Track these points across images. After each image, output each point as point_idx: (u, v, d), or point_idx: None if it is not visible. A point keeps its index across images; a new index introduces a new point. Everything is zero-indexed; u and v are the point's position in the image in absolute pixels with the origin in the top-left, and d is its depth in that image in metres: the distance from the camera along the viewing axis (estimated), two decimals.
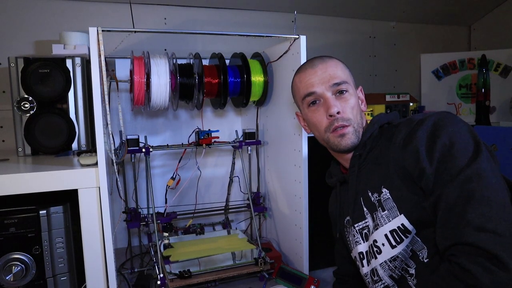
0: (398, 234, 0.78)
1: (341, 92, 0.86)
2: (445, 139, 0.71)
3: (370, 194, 0.83)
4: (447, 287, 0.66)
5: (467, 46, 2.26)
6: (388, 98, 1.63)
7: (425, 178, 0.72)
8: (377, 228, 0.82)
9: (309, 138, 1.11)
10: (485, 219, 0.64)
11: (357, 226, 0.88)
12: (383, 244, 0.80)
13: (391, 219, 0.79)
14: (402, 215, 0.77)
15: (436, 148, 0.71)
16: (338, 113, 0.84)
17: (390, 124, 0.86)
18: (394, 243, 0.78)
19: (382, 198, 0.81)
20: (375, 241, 0.82)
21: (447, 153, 0.70)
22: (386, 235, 0.80)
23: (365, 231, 0.86)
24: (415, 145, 0.74)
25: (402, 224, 0.76)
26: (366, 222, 0.85)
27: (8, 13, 1.38)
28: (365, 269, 0.87)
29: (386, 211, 0.80)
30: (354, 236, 0.89)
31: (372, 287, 0.86)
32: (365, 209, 0.85)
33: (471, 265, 0.62)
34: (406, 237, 0.76)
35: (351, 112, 0.86)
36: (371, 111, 1.56)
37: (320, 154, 1.03)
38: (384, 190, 0.81)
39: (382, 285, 0.83)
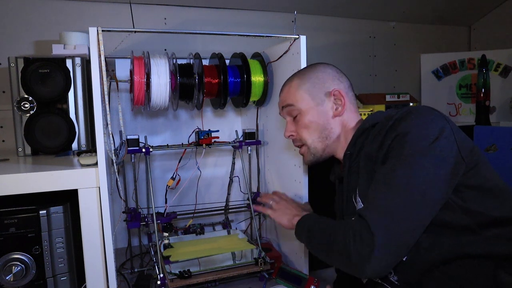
0: None
1: (291, 114, 0.95)
2: (401, 129, 0.74)
3: (357, 191, 0.86)
4: (334, 231, 0.77)
5: (467, 46, 2.26)
6: (388, 98, 1.63)
7: (377, 164, 0.78)
8: None
9: None
10: (387, 203, 0.70)
11: None
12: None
13: None
14: None
15: (391, 137, 0.75)
16: (291, 135, 0.94)
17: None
18: None
19: (356, 194, 0.85)
20: None
21: (397, 141, 0.74)
22: None
23: None
24: (380, 137, 0.78)
25: None
26: None
27: (8, 13, 1.38)
28: None
29: (356, 205, 0.85)
30: None
31: (364, 282, 0.91)
32: (355, 205, 0.87)
33: (353, 232, 0.72)
34: None
35: (306, 132, 0.92)
36: (371, 111, 1.56)
37: None
38: (357, 187, 0.85)
39: (365, 280, 0.89)
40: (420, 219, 0.70)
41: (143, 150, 1.19)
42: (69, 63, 1.13)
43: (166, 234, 1.26)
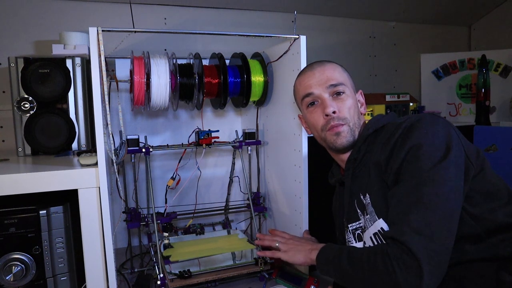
0: (380, 237, 0.79)
1: (338, 93, 0.88)
2: (414, 141, 0.73)
3: (362, 197, 0.85)
4: (369, 261, 0.72)
5: (467, 46, 2.26)
6: (388, 98, 1.63)
7: (389, 175, 0.76)
8: (365, 231, 0.84)
9: (309, 138, 1.11)
10: (425, 223, 0.67)
11: (350, 227, 0.90)
12: (369, 246, 0.82)
13: (372, 223, 0.81)
14: (381, 219, 0.79)
15: (404, 148, 0.74)
16: (334, 112, 0.87)
17: (384, 127, 0.87)
18: None
19: (365, 202, 0.83)
20: (364, 242, 0.85)
21: (413, 154, 0.72)
22: (371, 238, 0.82)
23: (358, 232, 0.88)
24: (389, 146, 0.77)
25: (382, 228, 0.78)
26: (360, 223, 0.87)
27: (8, 13, 1.38)
28: None
29: (368, 215, 0.83)
30: (348, 236, 0.91)
31: None
32: (358, 211, 0.87)
33: (396, 260, 0.68)
34: None
35: (347, 112, 0.88)
36: (371, 111, 1.56)
37: (320, 154, 1.03)
38: (366, 194, 0.83)
39: None
40: (453, 233, 0.69)
41: (143, 150, 1.19)
42: (69, 63, 1.13)
43: (166, 234, 1.26)
